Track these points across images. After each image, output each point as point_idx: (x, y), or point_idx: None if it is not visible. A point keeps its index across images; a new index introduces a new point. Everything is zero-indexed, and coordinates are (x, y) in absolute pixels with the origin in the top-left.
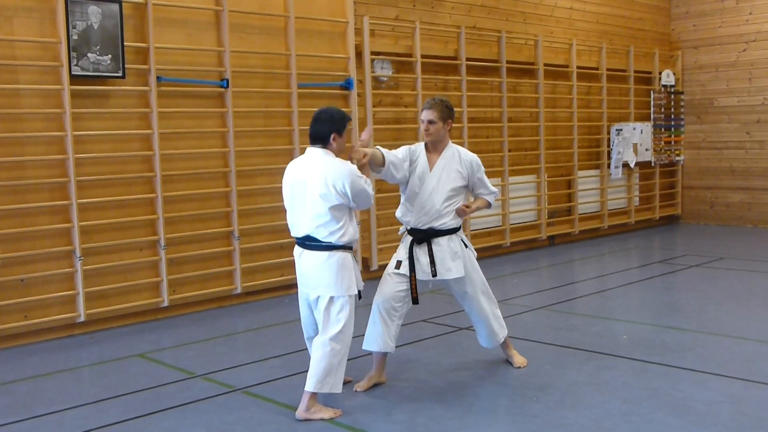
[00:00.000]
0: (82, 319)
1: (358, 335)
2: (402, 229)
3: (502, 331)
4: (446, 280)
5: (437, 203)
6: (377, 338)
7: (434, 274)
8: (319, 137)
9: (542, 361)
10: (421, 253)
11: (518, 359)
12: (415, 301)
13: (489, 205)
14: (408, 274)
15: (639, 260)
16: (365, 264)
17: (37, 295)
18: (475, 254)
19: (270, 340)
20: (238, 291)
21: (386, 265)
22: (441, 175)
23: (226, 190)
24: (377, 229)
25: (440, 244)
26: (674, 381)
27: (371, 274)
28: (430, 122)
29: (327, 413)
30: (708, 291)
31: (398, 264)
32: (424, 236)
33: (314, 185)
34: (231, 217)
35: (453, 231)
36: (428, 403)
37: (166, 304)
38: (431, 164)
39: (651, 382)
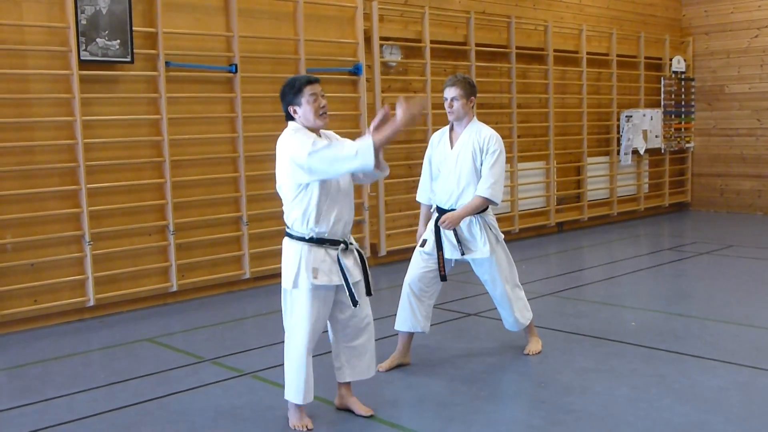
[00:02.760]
0: (91, 303)
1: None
2: (433, 207)
3: (526, 315)
4: (470, 261)
5: (458, 182)
6: (407, 318)
7: (461, 253)
8: (286, 116)
9: (550, 347)
10: (448, 232)
11: (532, 346)
12: (443, 278)
13: (482, 203)
14: (434, 253)
15: (648, 247)
16: (374, 250)
17: (46, 280)
18: (502, 236)
19: (279, 325)
20: (247, 276)
21: (395, 250)
22: (460, 154)
23: (235, 176)
24: (386, 214)
25: (463, 225)
26: (682, 368)
27: (380, 260)
28: (453, 99)
29: (293, 419)
30: (717, 278)
31: (423, 242)
32: None
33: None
34: (240, 203)
35: (477, 212)
36: (436, 388)
37: (175, 288)
38: (453, 142)
39: (659, 369)
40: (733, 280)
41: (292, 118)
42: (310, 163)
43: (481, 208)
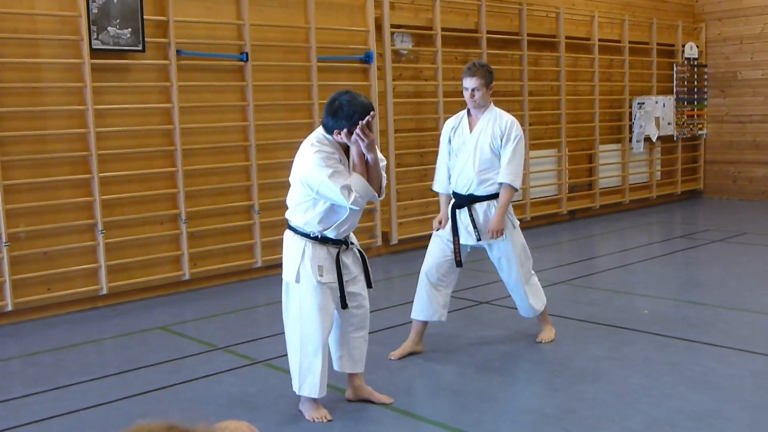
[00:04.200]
0: (104, 291)
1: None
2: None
3: (539, 303)
4: (485, 246)
5: (474, 168)
6: (423, 307)
7: (477, 239)
8: (326, 126)
9: (563, 335)
10: (464, 217)
11: (545, 334)
12: (458, 264)
13: (509, 191)
14: (449, 238)
15: (660, 235)
16: (385, 238)
17: (59, 268)
18: (518, 223)
19: None
20: (259, 265)
21: (406, 239)
22: (479, 139)
23: (246, 164)
24: (397, 203)
25: (480, 210)
26: (696, 356)
27: (391, 249)
28: (475, 90)
29: (311, 412)
30: (730, 266)
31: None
32: (464, 201)
33: (294, 162)
34: (251, 191)
35: (494, 197)
36: (449, 376)
37: (187, 277)
38: (471, 127)
39: (672, 357)
40: (746, 268)
41: (328, 131)
42: (319, 190)
43: (512, 197)
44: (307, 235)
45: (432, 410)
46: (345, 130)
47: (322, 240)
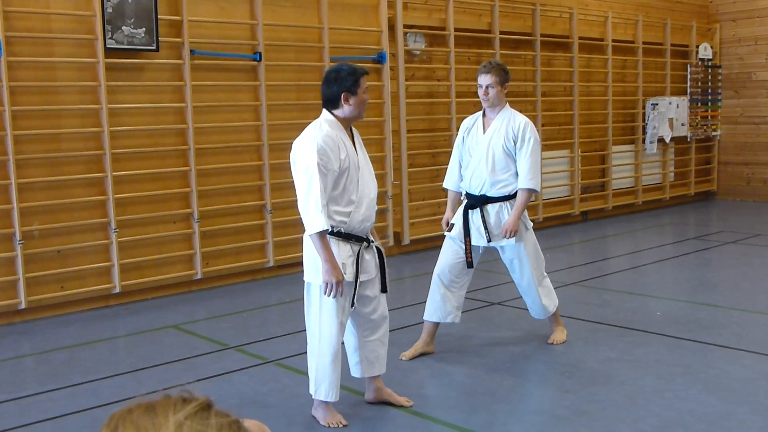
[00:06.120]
0: (117, 290)
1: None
2: (462, 193)
3: (551, 304)
4: (497, 248)
5: (488, 169)
6: (436, 309)
7: (488, 240)
8: (329, 100)
9: (575, 336)
10: (476, 218)
11: (557, 335)
12: (469, 265)
13: (528, 195)
14: (462, 239)
15: (673, 236)
16: (397, 239)
17: (73, 266)
18: (531, 224)
19: (302, 313)
20: (271, 264)
21: (418, 239)
22: (492, 139)
23: (259, 164)
24: (409, 203)
25: (492, 212)
26: (709, 358)
27: (403, 249)
28: (489, 87)
29: (326, 417)
30: (743, 268)
31: (450, 227)
32: (476, 202)
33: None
34: (264, 191)
35: (506, 198)
36: (460, 377)
37: (199, 276)
38: (485, 128)
39: (685, 359)
40: (759, 270)
41: (333, 105)
42: (298, 168)
43: (529, 200)
44: (330, 232)
45: (443, 411)
46: (354, 92)
47: (346, 237)
